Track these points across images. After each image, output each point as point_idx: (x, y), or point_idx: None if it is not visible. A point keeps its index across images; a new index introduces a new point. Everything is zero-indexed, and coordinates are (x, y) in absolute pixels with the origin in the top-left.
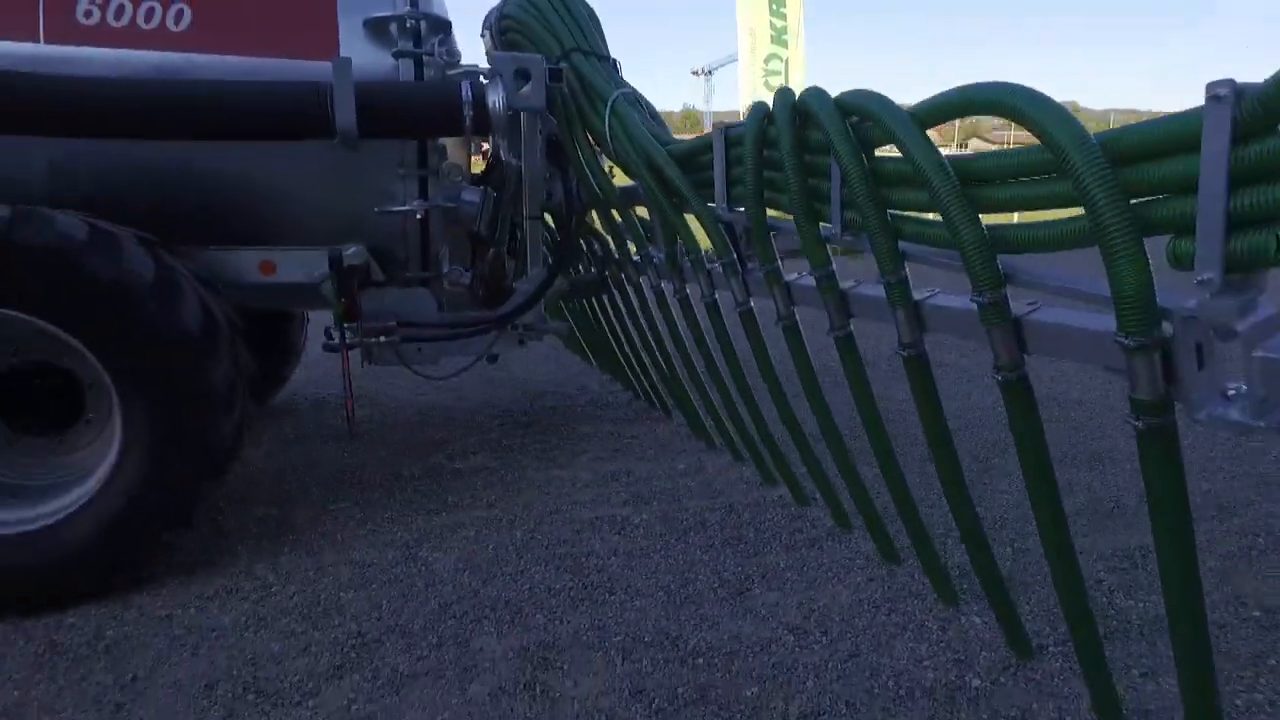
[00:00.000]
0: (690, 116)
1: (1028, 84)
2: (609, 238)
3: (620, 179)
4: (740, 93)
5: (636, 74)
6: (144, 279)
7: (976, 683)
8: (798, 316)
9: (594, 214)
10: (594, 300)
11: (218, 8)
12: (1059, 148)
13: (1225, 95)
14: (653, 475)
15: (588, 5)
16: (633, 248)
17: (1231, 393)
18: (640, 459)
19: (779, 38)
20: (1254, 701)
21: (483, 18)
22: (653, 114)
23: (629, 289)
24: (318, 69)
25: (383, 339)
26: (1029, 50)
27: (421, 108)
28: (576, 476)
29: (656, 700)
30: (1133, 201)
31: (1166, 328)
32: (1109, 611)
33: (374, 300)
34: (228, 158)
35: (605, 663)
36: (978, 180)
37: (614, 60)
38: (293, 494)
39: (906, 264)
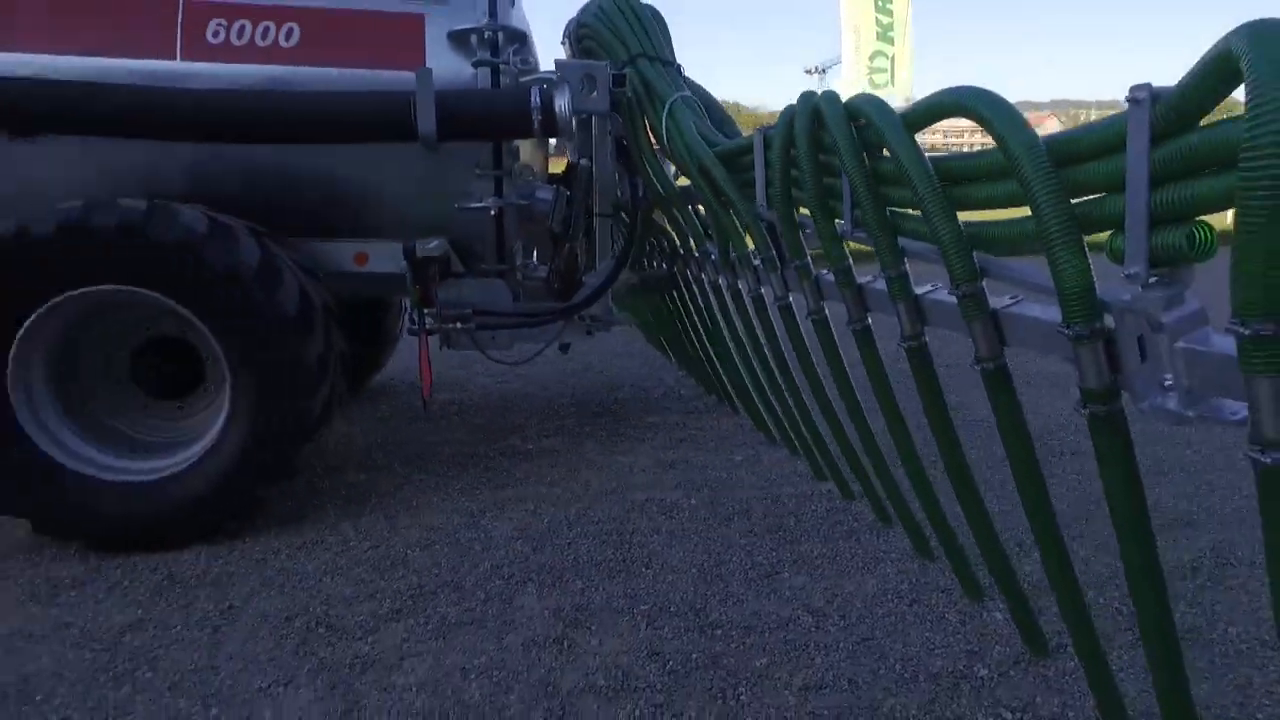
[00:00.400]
0: None
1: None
2: (674, 235)
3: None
4: (842, 93)
5: (748, 72)
6: (251, 266)
7: (984, 672)
8: (827, 311)
9: (661, 212)
10: (668, 295)
11: (322, 25)
12: (1008, 149)
13: (1143, 99)
14: (709, 464)
15: (655, 11)
16: (694, 244)
17: (1167, 384)
18: (700, 449)
19: (885, 34)
20: (1276, 715)
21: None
22: (719, 115)
23: (693, 285)
24: (406, 79)
25: (459, 325)
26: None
27: (494, 113)
28: (636, 462)
29: (671, 662)
30: (1081, 200)
31: (1110, 320)
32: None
33: (453, 290)
34: (330, 158)
35: (630, 627)
36: (958, 179)
37: (678, 64)
38: (379, 465)
39: (914, 260)
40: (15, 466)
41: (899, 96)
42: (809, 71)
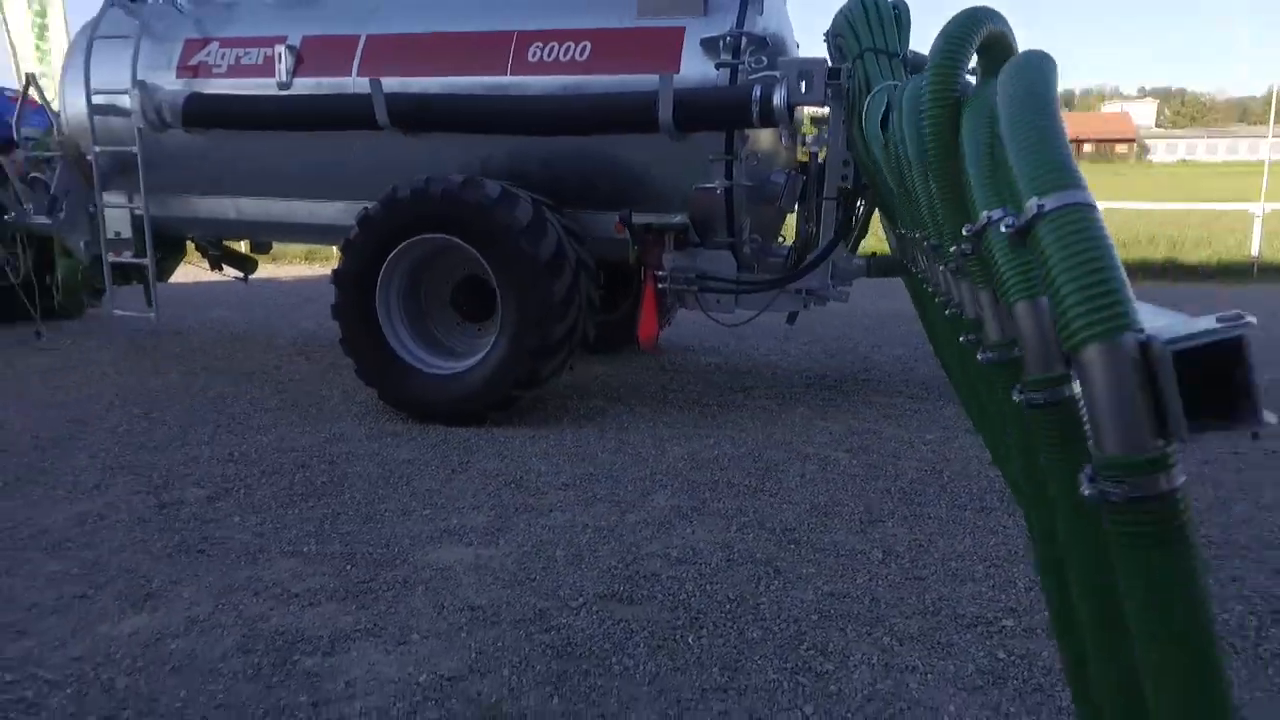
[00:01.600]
0: None
1: None
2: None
3: None
4: None
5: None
6: (523, 223)
7: (1009, 624)
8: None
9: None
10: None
11: (607, 41)
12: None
13: None
14: (895, 438)
15: (900, 6)
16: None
17: None
18: (899, 425)
19: None
20: None
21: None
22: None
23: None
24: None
25: (684, 287)
26: None
27: (720, 106)
28: (830, 427)
29: (735, 554)
30: None
31: None
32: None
33: (685, 257)
34: (601, 146)
35: (722, 527)
36: None
37: (903, 56)
38: (616, 396)
39: None
40: (376, 357)
41: None
42: None
